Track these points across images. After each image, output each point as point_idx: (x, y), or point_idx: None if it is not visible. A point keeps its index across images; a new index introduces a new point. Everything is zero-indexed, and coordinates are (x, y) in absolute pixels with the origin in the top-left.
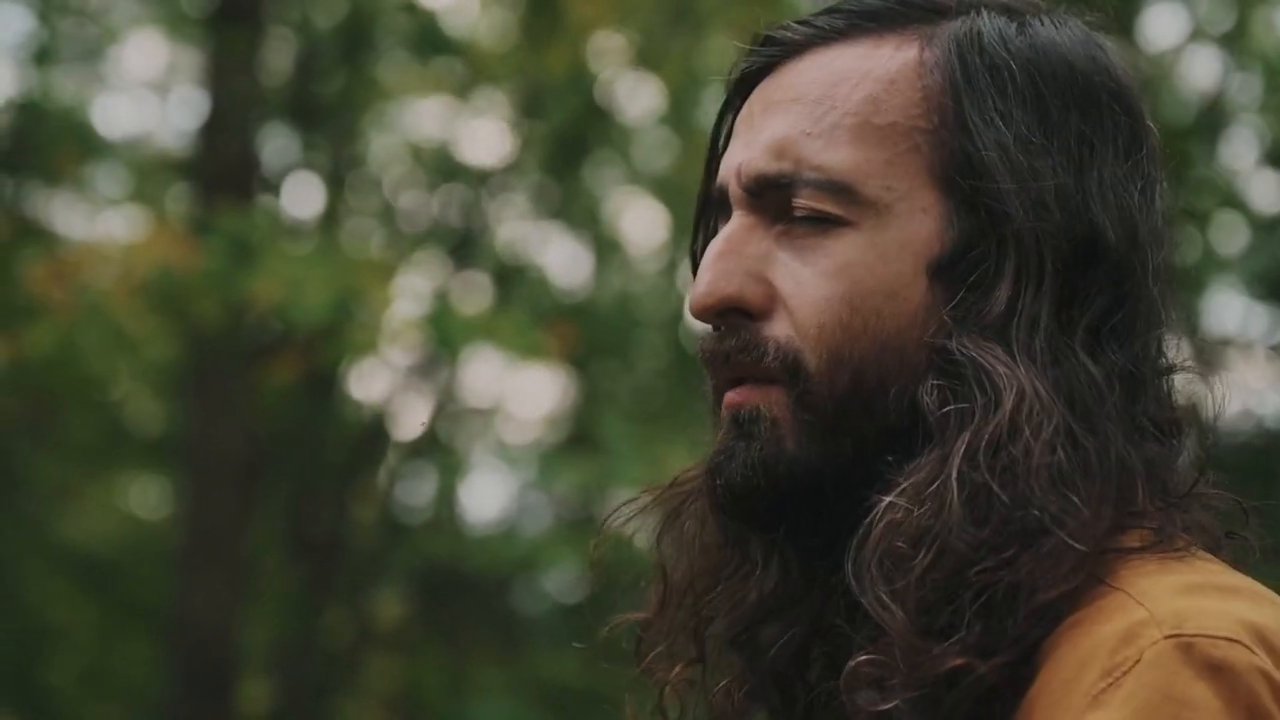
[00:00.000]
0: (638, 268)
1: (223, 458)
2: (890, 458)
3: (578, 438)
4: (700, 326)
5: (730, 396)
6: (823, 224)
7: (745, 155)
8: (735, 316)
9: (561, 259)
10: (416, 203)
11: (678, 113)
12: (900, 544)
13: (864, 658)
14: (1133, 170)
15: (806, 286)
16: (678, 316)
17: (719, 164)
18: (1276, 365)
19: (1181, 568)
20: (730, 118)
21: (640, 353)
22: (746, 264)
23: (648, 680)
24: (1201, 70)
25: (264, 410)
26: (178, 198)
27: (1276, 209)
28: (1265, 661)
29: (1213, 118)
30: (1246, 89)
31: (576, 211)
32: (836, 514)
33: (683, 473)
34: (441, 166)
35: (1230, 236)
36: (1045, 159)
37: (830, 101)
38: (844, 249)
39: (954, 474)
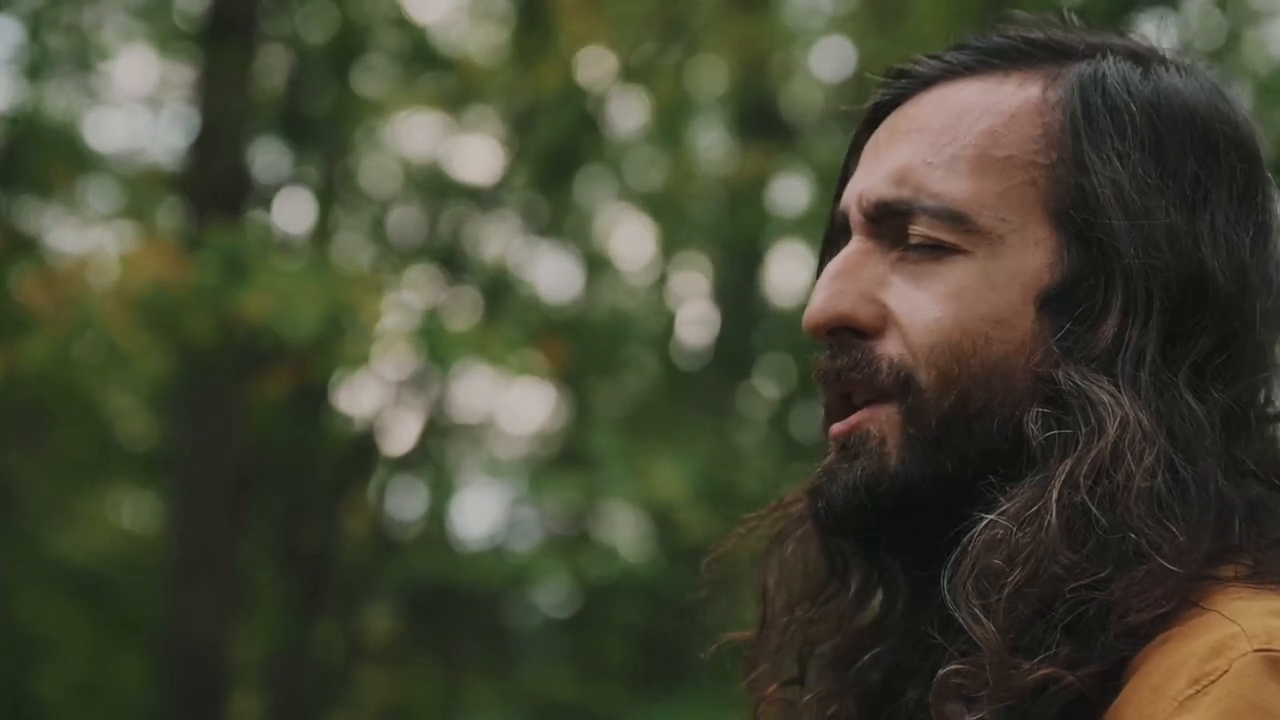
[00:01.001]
0: (628, 283)
1: (214, 472)
2: (992, 479)
3: (568, 453)
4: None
5: (836, 426)
6: (937, 251)
7: (868, 182)
8: (846, 335)
9: (552, 275)
10: (407, 218)
11: (669, 129)
12: (997, 561)
13: (953, 668)
14: (1245, 216)
15: (919, 308)
16: (668, 332)
17: (845, 189)
18: None
19: (1274, 596)
20: (859, 148)
21: (631, 368)
22: (861, 285)
23: (749, 698)
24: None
25: (255, 425)
26: (169, 213)
27: None
28: None
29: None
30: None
31: (567, 227)
32: (936, 531)
33: (787, 495)
34: (432, 182)
35: None
36: (1159, 199)
37: (952, 133)
38: (957, 275)
39: (1054, 497)
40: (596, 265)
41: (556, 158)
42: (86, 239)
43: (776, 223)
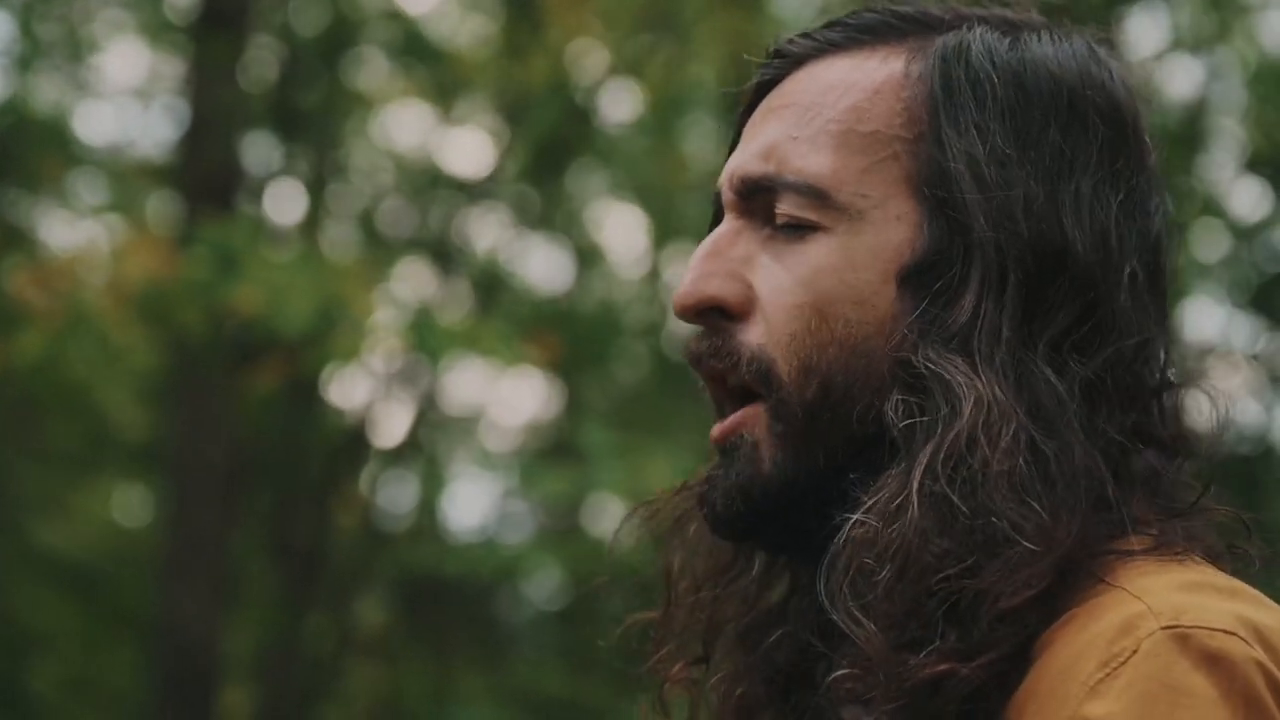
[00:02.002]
0: (619, 276)
1: (205, 465)
2: (855, 475)
3: (559, 445)
4: (687, 326)
5: (715, 431)
6: (801, 230)
7: (738, 160)
8: (714, 316)
9: (543, 267)
10: (398, 211)
11: (659, 121)
12: (867, 560)
13: (843, 673)
14: (1113, 182)
15: (781, 292)
16: (659, 325)
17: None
18: (1257, 373)
19: (1180, 569)
20: (742, 127)
21: (622, 361)
22: (729, 265)
23: (655, 679)
24: (1182, 78)
25: (247, 418)
26: (159, 206)
27: (1257, 217)
28: (1262, 655)
29: (1194, 126)
30: (1227, 97)
31: (558, 219)
32: (814, 532)
33: (692, 477)
34: (423, 175)
35: (1211, 244)
36: (1017, 170)
37: (818, 109)
38: (818, 254)
39: (915, 487)
40: (588, 257)
41: (548, 150)
42: (77, 232)
43: None
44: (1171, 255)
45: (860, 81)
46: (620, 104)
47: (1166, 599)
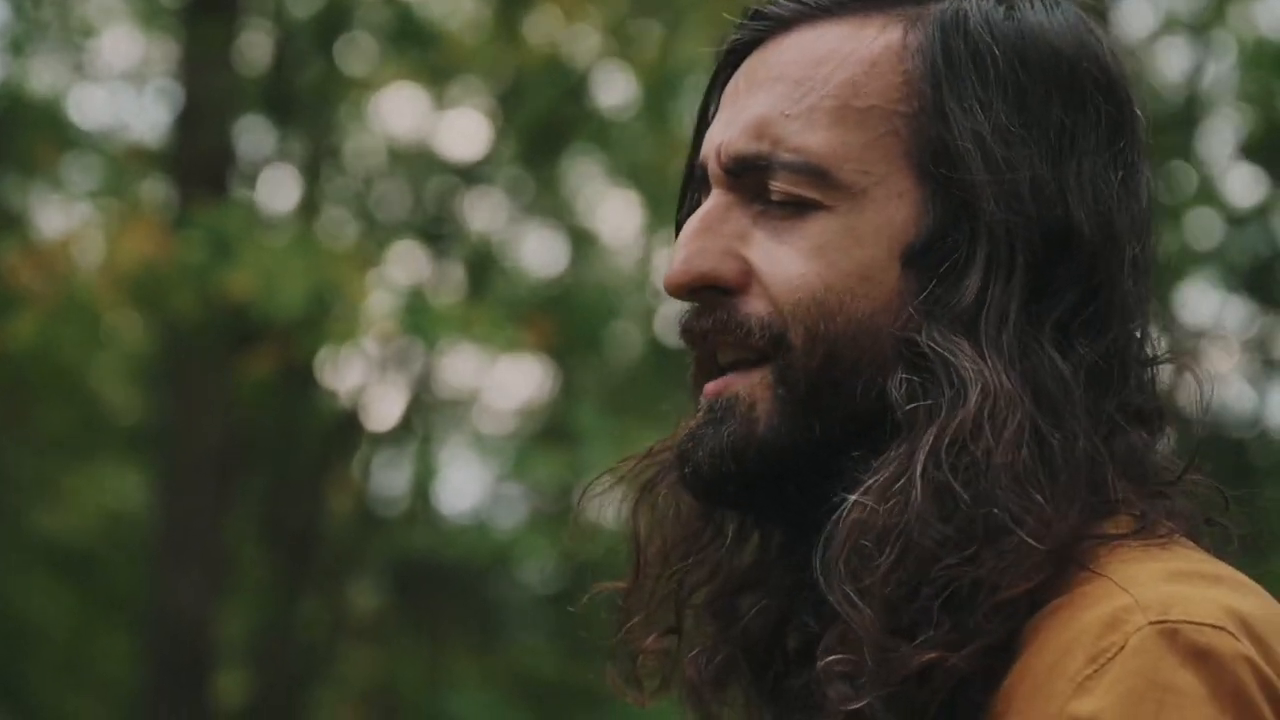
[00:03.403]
0: (614, 259)
1: (199, 449)
2: (856, 453)
3: (553, 429)
4: (677, 303)
5: (709, 386)
6: (799, 207)
7: (726, 134)
8: (709, 293)
9: (538, 251)
10: (393, 194)
11: (654, 104)
12: (866, 542)
13: (834, 657)
14: (1113, 161)
15: (782, 264)
16: (654, 309)
17: (704, 138)
18: (1250, 357)
19: (1165, 555)
20: (717, 92)
21: (616, 345)
22: (723, 241)
23: (625, 650)
24: (1177, 61)
25: (240, 401)
26: (153, 190)
27: (1251, 202)
28: (1250, 649)
29: (1189, 110)
30: (1222, 81)
31: (553, 203)
32: (805, 507)
33: (658, 444)
34: (418, 158)
35: (1206, 229)
36: (1023, 149)
37: (811, 83)
38: (819, 231)
39: (919, 471)
40: (582, 241)
41: (542, 134)
42: (71, 216)
43: None
44: (1158, 232)
45: (856, 53)
46: (614, 87)
47: (1154, 591)
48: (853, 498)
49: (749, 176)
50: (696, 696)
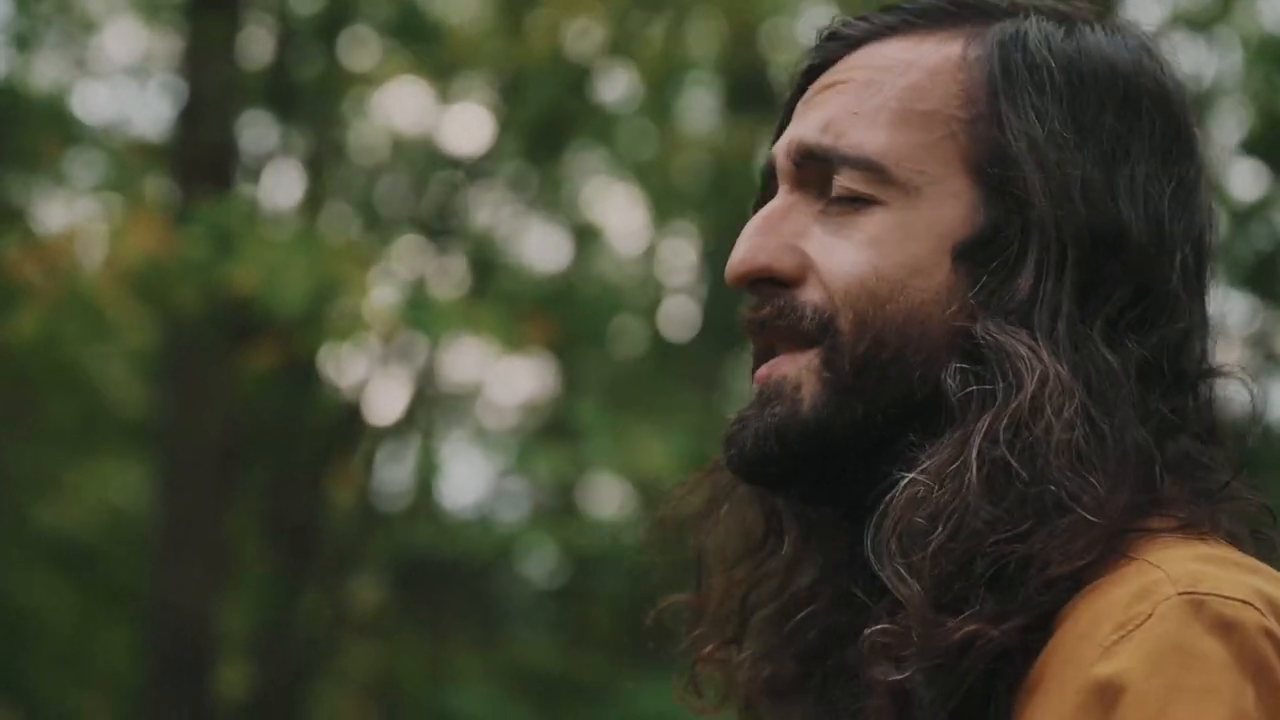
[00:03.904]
0: (617, 255)
1: (201, 443)
2: (913, 436)
3: (556, 424)
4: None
5: (760, 371)
6: (857, 203)
7: (796, 130)
8: (768, 286)
9: (541, 246)
10: (395, 189)
11: (658, 100)
12: (919, 519)
13: (879, 628)
14: (1165, 170)
15: (837, 255)
16: (656, 304)
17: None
18: (1253, 354)
19: (1201, 544)
20: (791, 109)
21: (619, 340)
22: (782, 237)
23: (690, 660)
24: (1182, 56)
25: (242, 396)
26: (156, 185)
27: (1255, 197)
28: (1274, 625)
29: (1193, 104)
30: (1227, 75)
31: (556, 198)
32: (854, 485)
33: (720, 456)
34: (421, 153)
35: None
36: (1075, 153)
37: (876, 86)
38: (875, 225)
39: (974, 453)
40: (585, 236)
41: (545, 128)
42: (73, 211)
43: None
44: (1214, 251)
45: (918, 61)
46: (618, 82)
47: (1185, 567)
48: (909, 475)
49: (813, 170)
50: (750, 705)
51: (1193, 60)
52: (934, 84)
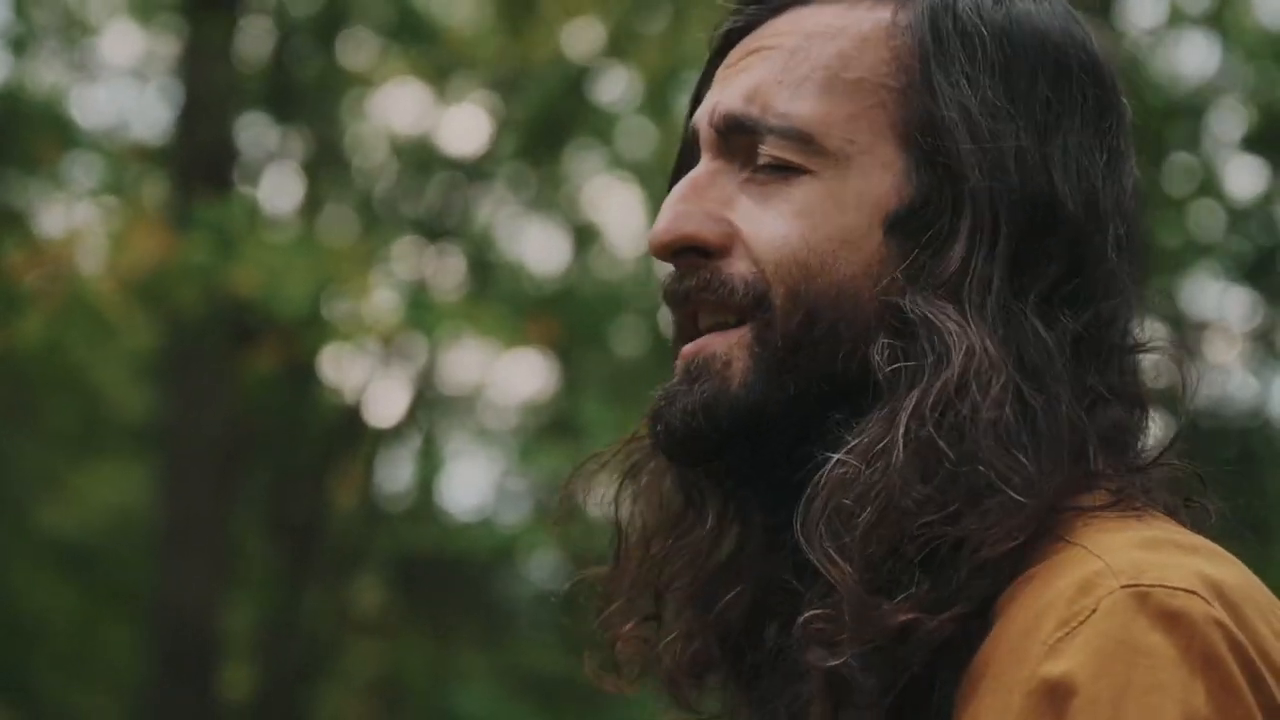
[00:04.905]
0: (617, 254)
1: (203, 444)
2: (839, 415)
3: (557, 423)
4: (663, 266)
5: (686, 348)
6: (785, 172)
7: (719, 98)
8: (692, 255)
9: (541, 246)
10: (395, 190)
11: (657, 99)
12: (847, 501)
13: (813, 613)
14: (1098, 141)
15: (766, 226)
16: (657, 303)
17: (696, 110)
18: (1253, 348)
19: (1139, 525)
20: (711, 73)
21: (620, 339)
22: (707, 205)
23: (605, 636)
24: (1181, 54)
25: (244, 396)
26: (155, 187)
27: (1254, 194)
28: (1222, 614)
29: (1192, 102)
30: (1226, 73)
31: (556, 198)
32: (782, 466)
33: (640, 428)
34: (420, 154)
35: (1208, 221)
36: (1008, 124)
37: (803, 54)
38: (803, 195)
39: (901, 431)
40: (585, 236)
41: (545, 128)
42: (73, 215)
43: None
44: (1143, 219)
45: (847, 28)
46: (616, 81)
47: (1126, 557)
48: (835, 456)
49: (738, 140)
50: (673, 684)
51: (1192, 57)
52: (863, 51)
